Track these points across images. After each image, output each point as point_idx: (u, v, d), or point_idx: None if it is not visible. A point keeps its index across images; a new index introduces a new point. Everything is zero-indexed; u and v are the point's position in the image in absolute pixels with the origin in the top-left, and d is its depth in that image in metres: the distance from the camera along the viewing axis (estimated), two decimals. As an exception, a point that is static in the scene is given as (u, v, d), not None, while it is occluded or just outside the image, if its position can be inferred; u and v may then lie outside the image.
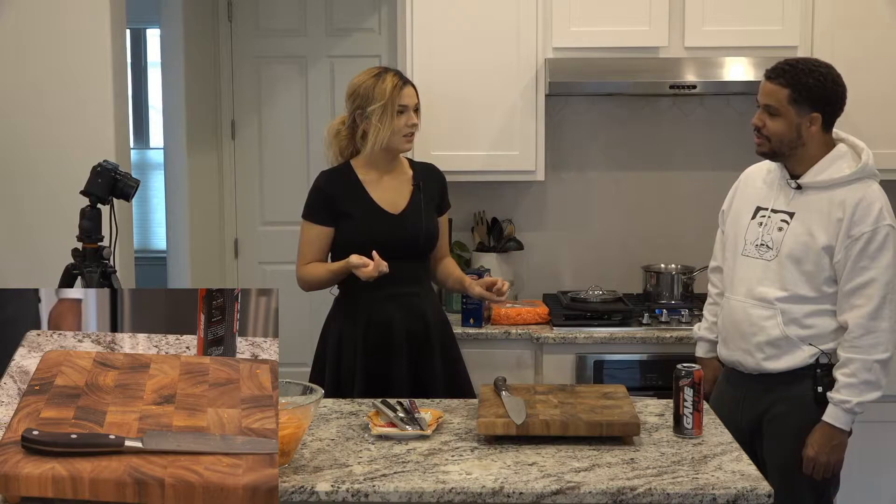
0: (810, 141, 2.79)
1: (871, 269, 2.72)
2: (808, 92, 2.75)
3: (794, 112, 2.76)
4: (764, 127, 2.80)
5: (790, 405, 2.81)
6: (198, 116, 5.29)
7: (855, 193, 2.75)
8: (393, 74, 3.14)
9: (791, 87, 2.76)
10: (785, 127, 2.78)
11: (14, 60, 3.93)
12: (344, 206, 3.13)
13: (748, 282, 2.88)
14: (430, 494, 2.10)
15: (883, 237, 2.72)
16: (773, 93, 2.78)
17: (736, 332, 2.92)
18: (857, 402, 2.74)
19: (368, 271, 2.96)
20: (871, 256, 2.72)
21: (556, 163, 4.17)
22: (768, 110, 2.80)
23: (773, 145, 2.81)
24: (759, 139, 2.84)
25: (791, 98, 2.76)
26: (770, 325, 2.82)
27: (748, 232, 2.92)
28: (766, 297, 2.83)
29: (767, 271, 2.84)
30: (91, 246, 3.17)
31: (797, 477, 2.77)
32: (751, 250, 2.89)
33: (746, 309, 2.88)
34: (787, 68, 2.79)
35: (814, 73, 2.77)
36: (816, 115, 2.77)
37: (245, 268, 5.54)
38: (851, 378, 2.72)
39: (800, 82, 2.76)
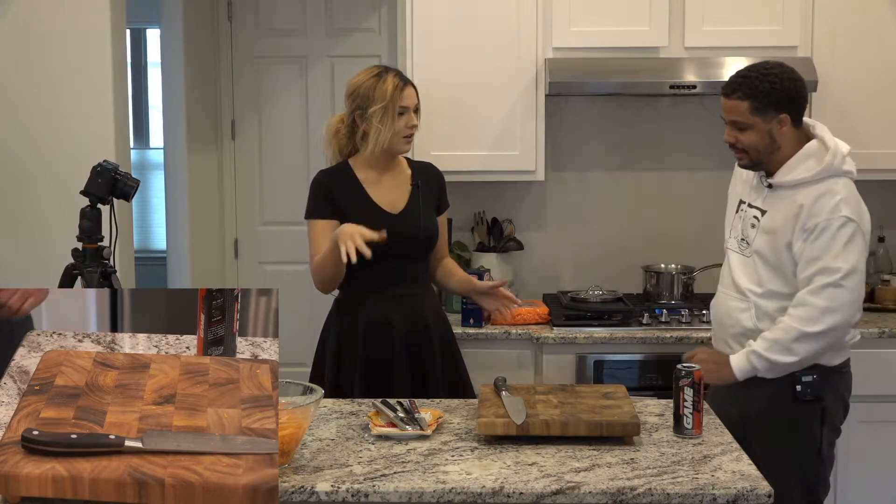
0: (784, 141, 2.83)
1: (822, 259, 2.74)
2: (768, 97, 2.78)
3: (761, 120, 2.79)
4: (737, 142, 2.84)
5: (769, 403, 2.83)
6: (198, 116, 5.30)
7: (817, 191, 2.78)
8: (393, 75, 3.13)
9: (750, 99, 2.79)
10: (757, 137, 2.81)
11: (14, 60, 3.93)
12: (343, 206, 3.12)
13: (729, 274, 2.96)
14: (430, 494, 2.10)
15: (836, 227, 2.74)
16: (734, 108, 2.82)
17: (717, 323, 3.02)
18: (760, 354, 2.76)
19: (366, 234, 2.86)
20: (822, 246, 2.74)
21: (556, 163, 4.17)
22: (736, 126, 2.83)
23: (752, 156, 2.85)
24: (737, 154, 2.89)
25: (753, 108, 2.79)
26: (744, 317, 2.89)
27: (732, 225, 2.99)
28: (742, 289, 2.90)
29: (745, 266, 2.91)
30: (91, 246, 3.17)
31: (784, 477, 2.77)
32: (733, 244, 2.97)
33: (727, 301, 2.96)
34: (740, 81, 2.82)
35: (768, 78, 2.80)
36: (784, 115, 2.80)
37: (245, 268, 5.54)
38: (770, 333, 2.77)
39: (757, 91, 2.78)
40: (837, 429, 2.91)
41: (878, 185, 4.14)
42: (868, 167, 3.88)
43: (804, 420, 2.83)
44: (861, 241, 2.78)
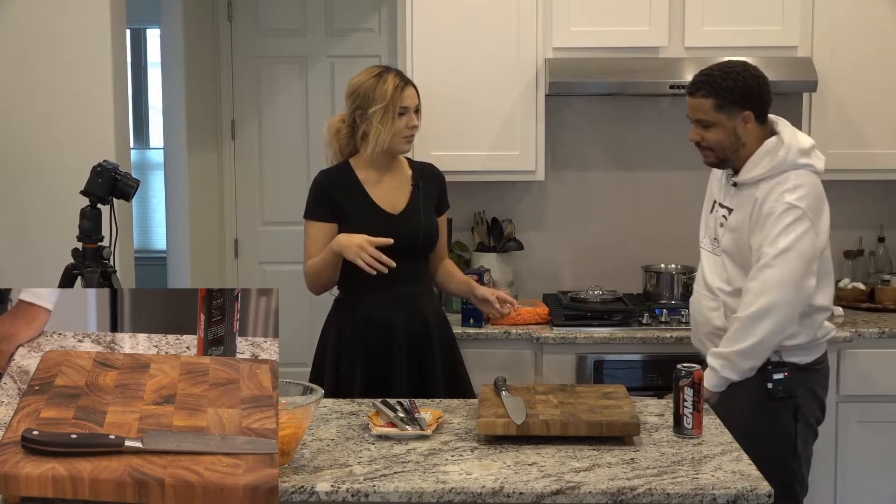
0: (748, 138, 2.88)
1: (763, 245, 2.79)
2: (730, 94, 2.84)
3: (725, 117, 2.86)
4: (702, 140, 2.90)
5: (745, 402, 2.85)
6: (198, 116, 5.30)
7: (770, 185, 2.84)
8: (394, 75, 3.13)
9: (713, 96, 2.85)
10: (722, 134, 2.87)
11: (14, 60, 3.93)
12: (343, 206, 3.13)
13: (702, 273, 3.03)
14: (430, 494, 2.10)
15: (778, 213, 2.78)
16: (698, 107, 2.88)
17: (693, 321, 3.09)
18: (717, 355, 2.81)
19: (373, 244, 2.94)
20: (765, 233, 2.79)
21: (556, 163, 4.17)
22: (700, 124, 2.89)
23: (717, 154, 2.91)
24: (703, 152, 2.95)
25: (716, 106, 2.85)
26: (714, 315, 2.95)
27: (706, 224, 3.06)
28: (712, 288, 2.96)
29: (715, 264, 2.98)
30: (91, 246, 3.17)
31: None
32: (706, 243, 3.04)
33: (700, 300, 3.03)
34: (703, 79, 2.88)
35: (730, 75, 2.85)
36: (747, 112, 2.86)
37: (245, 268, 5.54)
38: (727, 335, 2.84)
39: (719, 88, 2.84)
40: (814, 427, 2.93)
41: (878, 185, 4.15)
42: (868, 167, 3.91)
43: (778, 417, 2.87)
44: (804, 226, 2.79)
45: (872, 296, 3.97)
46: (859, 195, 4.16)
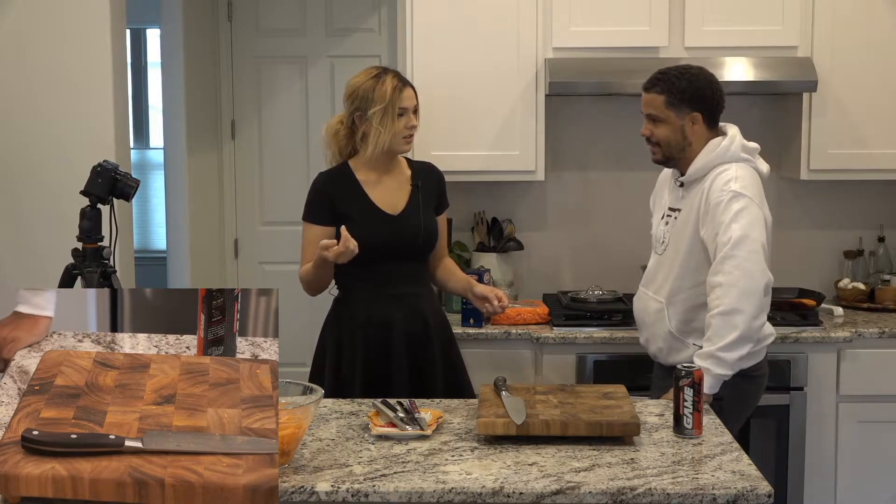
0: (695, 139, 2.96)
1: (718, 235, 2.82)
2: (682, 94, 2.94)
3: (674, 115, 2.95)
4: (652, 135, 2.99)
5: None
6: (198, 116, 5.30)
7: (713, 175, 2.91)
8: (392, 76, 3.13)
9: (666, 93, 2.95)
10: (669, 131, 2.96)
11: (14, 60, 3.93)
12: (343, 208, 3.13)
13: (647, 274, 3.12)
14: (430, 494, 2.10)
15: (727, 202, 2.82)
16: (651, 102, 2.98)
17: (638, 321, 3.17)
18: (706, 356, 2.79)
19: (336, 250, 2.91)
20: (717, 222, 2.83)
21: (556, 163, 4.17)
22: (651, 118, 2.99)
23: (664, 150, 2.99)
24: (651, 148, 3.02)
25: (667, 102, 2.94)
26: (657, 318, 3.02)
27: (656, 229, 3.12)
28: (657, 289, 3.04)
29: (659, 265, 3.05)
30: (91, 246, 3.17)
31: None
32: (656, 245, 3.11)
33: (645, 300, 3.10)
34: (660, 77, 2.99)
35: (685, 76, 2.96)
36: (696, 114, 2.95)
37: (245, 268, 5.54)
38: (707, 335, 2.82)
39: (673, 86, 2.94)
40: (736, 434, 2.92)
41: (878, 185, 4.15)
42: (868, 167, 3.91)
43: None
44: (753, 212, 2.83)
45: (872, 296, 3.97)
46: (859, 195, 4.16)
